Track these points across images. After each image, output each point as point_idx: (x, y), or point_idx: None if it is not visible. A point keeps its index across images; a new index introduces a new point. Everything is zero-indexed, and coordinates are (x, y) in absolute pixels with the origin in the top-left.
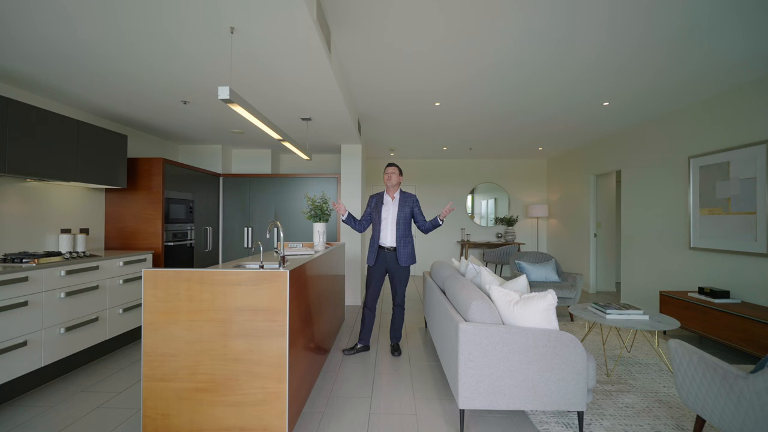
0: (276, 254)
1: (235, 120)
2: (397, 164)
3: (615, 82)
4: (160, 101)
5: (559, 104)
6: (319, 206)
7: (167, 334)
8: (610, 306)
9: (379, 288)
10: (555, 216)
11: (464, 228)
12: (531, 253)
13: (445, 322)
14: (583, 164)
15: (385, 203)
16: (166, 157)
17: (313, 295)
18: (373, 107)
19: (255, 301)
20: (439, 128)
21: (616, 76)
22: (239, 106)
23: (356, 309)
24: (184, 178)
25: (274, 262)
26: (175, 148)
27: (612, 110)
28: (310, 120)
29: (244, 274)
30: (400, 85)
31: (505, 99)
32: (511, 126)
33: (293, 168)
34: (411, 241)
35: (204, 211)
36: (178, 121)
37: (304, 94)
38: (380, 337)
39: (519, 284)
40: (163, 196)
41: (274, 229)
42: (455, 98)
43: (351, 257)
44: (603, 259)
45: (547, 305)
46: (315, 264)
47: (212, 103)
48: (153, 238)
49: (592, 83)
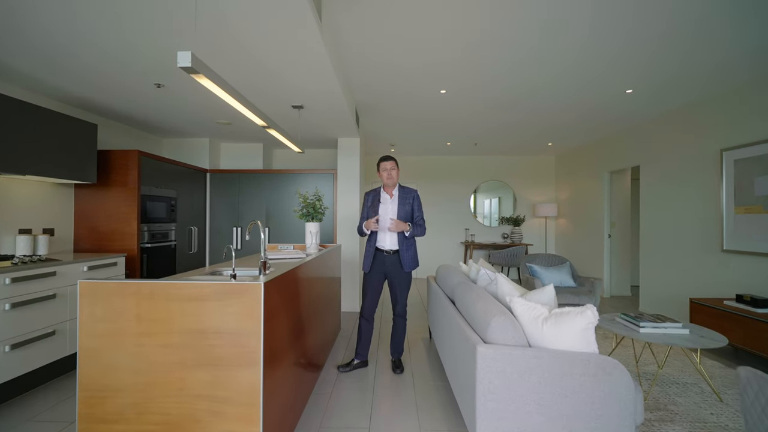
0: (260, 259)
1: (217, 107)
2: (393, 157)
3: (641, 67)
4: (129, 84)
5: (579, 92)
6: (312, 204)
7: (109, 364)
8: (642, 318)
9: (378, 296)
10: (564, 215)
11: (468, 228)
12: (543, 255)
13: (458, 341)
14: (596, 161)
15: (383, 201)
16: (149, 152)
17: (303, 306)
18: (372, 95)
19: (221, 322)
20: (444, 120)
21: (643, 60)
22: (205, 77)
23: (354, 316)
24: (166, 174)
25: (255, 269)
26: (159, 142)
27: (635, 99)
28: (302, 108)
29: (207, 287)
30: (403, 68)
31: (519, 84)
32: (522, 116)
33: (287, 164)
34: (414, 242)
35: (189, 210)
36: (156, 110)
37: (291, 70)
38: (380, 350)
39: (545, 296)
40: (138, 193)
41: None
42: (464, 83)
43: (349, 259)
44: (617, 261)
45: (586, 324)
46: (304, 270)
47: (189, 87)
48: (128, 239)
49: (617, 68)
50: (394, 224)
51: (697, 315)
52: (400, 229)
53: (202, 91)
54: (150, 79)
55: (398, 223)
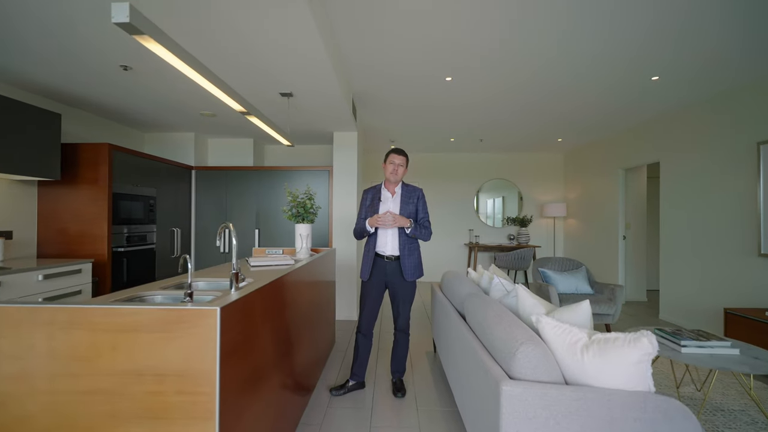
0: (239, 268)
1: (199, 96)
2: (406, 152)
3: (671, 50)
4: (92, 66)
5: (599, 77)
6: (302, 203)
7: (17, 416)
8: (682, 334)
9: (377, 309)
10: (574, 216)
11: (472, 229)
12: (556, 259)
13: (473, 369)
14: (609, 157)
15: (384, 200)
16: (130, 147)
17: (288, 321)
18: (371, 83)
19: (163, 360)
20: (449, 112)
21: (674, 41)
22: (152, 40)
23: (351, 325)
24: (144, 170)
25: (228, 279)
26: (140, 137)
27: (660, 86)
28: (291, 96)
29: (144, 313)
30: (405, 52)
31: (532, 70)
32: (533, 105)
33: (280, 161)
34: (417, 247)
35: (171, 210)
36: (128, 98)
37: (277, 52)
38: (378, 368)
39: (579, 314)
40: (109, 191)
41: (225, 233)
42: (472, 68)
43: (346, 264)
44: (631, 264)
45: (641, 356)
46: (291, 279)
47: (160, 69)
48: (97, 242)
49: (644, 50)
50: (393, 218)
51: (734, 327)
52: (399, 224)
53: (176, 75)
54: (113, 59)
55: (398, 217)
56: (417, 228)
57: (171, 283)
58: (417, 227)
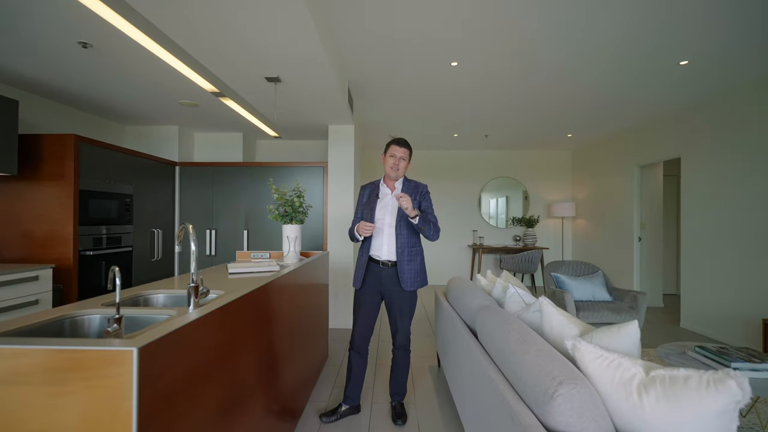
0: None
1: (175, 81)
2: (409, 144)
3: (704, 31)
4: (45, 41)
5: (621, 61)
6: (290, 201)
7: None
8: (729, 354)
9: (372, 322)
10: (583, 216)
11: (476, 230)
12: (570, 262)
13: (493, 409)
14: (623, 154)
15: (382, 197)
16: (109, 142)
17: (269, 339)
18: (369, 69)
19: (53, 427)
20: (453, 103)
21: (707, 21)
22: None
23: (346, 334)
24: (119, 166)
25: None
26: (120, 130)
27: (688, 73)
28: (278, 81)
29: (25, 355)
30: (407, 33)
31: (550, 53)
32: (546, 95)
33: (271, 157)
34: (420, 252)
35: (152, 209)
36: (93, 84)
37: (256, 25)
38: (375, 388)
39: (624, 338)
40: (76, 188)
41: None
42: (482, 51)
43: (341, 268)
44: (646, 267)
45: (726, 404)
46: (274, 288)
47: (123, 47)
48: (61, 245)
49: (673, 30)
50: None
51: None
52: (406, 206)
53: (143, 55)
54: (69, 33)
55: (406, 197)
56: (423, 220)
57: (123, 297)
58: (423, 219)
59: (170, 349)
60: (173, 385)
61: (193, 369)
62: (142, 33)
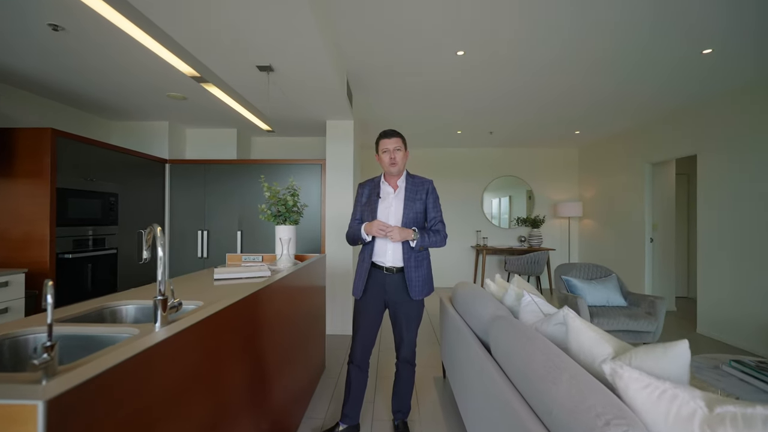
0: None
1: (159, 71)
2: (400, 132)
3: (731, 17)
4: (11, 24)
5: (640, 51)
6: (284, 200)
7: None
8: None
9: (374, 334)
10: (591, 216)
11: (480, 230)
12: (582, 265)
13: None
14: (633, 151)
15: (383, 196)
16: (95, 138)
17: (257, 354)
18: (369, 59)
19: None
20: (458, 95)
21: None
22: None
23: (345, 340)
24: (103, 163)
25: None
26: (107, 126)
27: (710, 63)
28: (271, 70)
29: None
30: (411, 18)
31: (564, 40)
32: (557, 86)
33: (268, 155)
34: (426, 257)
35: (140, 209)
36: (68, 72)
37: (249, 8)
38: (376, 404)
39: (672, 361)
40: (53, 186)
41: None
42: (491, 38)
43: (340, 272)
44: (658, 269)
45: None
46: (261, 298)
47: (100, 29)
48: (36, 247)
49: (696, 16)
50: (396, 232)
51: None
52: (403, 237)
53: (120, 38)
54: (37, 13)
55: (401, 229)
56: (425, 237)
57: (84, 309)
58: (425, 236)
59: (114, 388)
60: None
61: (156, 401)
62: (111, 7)
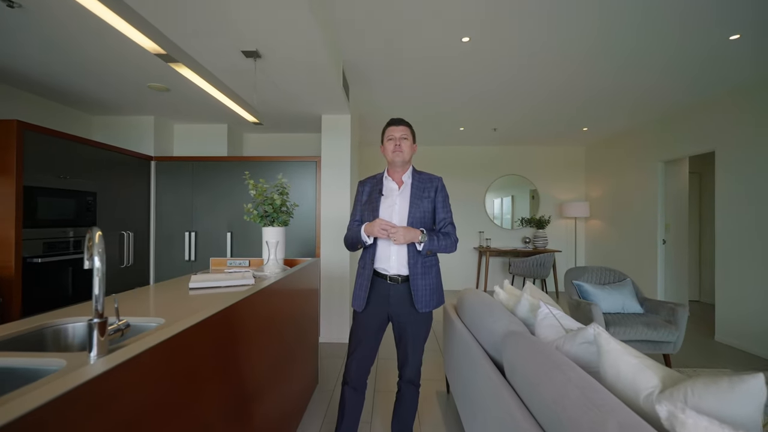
0: None
1: (136, 56)
2: (408, 122)
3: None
4: None
5: (659, 37)
6: (270, 198)
7: None
8: None
9: (374, 352)
10: (598, 216)
11: (483, 231)
12: (594, 269)
13: None
14: (644, 148)
15: (386, 193)
16: (74, 134)
17: (234, 376)
18: (367, 47)
19: None
20: (461, 88)
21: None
22: None
23: (340, 349)
24: (79, 159)
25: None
26: (87, 121)
27: (740, 48)
28: (259, 56)
29: None
30: (411, 6)
31: (578, 27)
32: (567, 77)
33: (261, 152)
34: (435, 263)
35: (122, 209)
36: (33, 57)
37: None
38: (374, 426)
39: (743, 400)
40: (19, 184)
41: (94, 241)
42: (499, 23)
43: (336, 275)
44: (671, 271)
45: None
46: (240, 311)
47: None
48: (1, 251)
49: None
50: (401, 232)
51: None
52: (409, 239)
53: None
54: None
55: (407, 229)
56: (434, 239)
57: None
58: (433, 239)
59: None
60: None
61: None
62: None
